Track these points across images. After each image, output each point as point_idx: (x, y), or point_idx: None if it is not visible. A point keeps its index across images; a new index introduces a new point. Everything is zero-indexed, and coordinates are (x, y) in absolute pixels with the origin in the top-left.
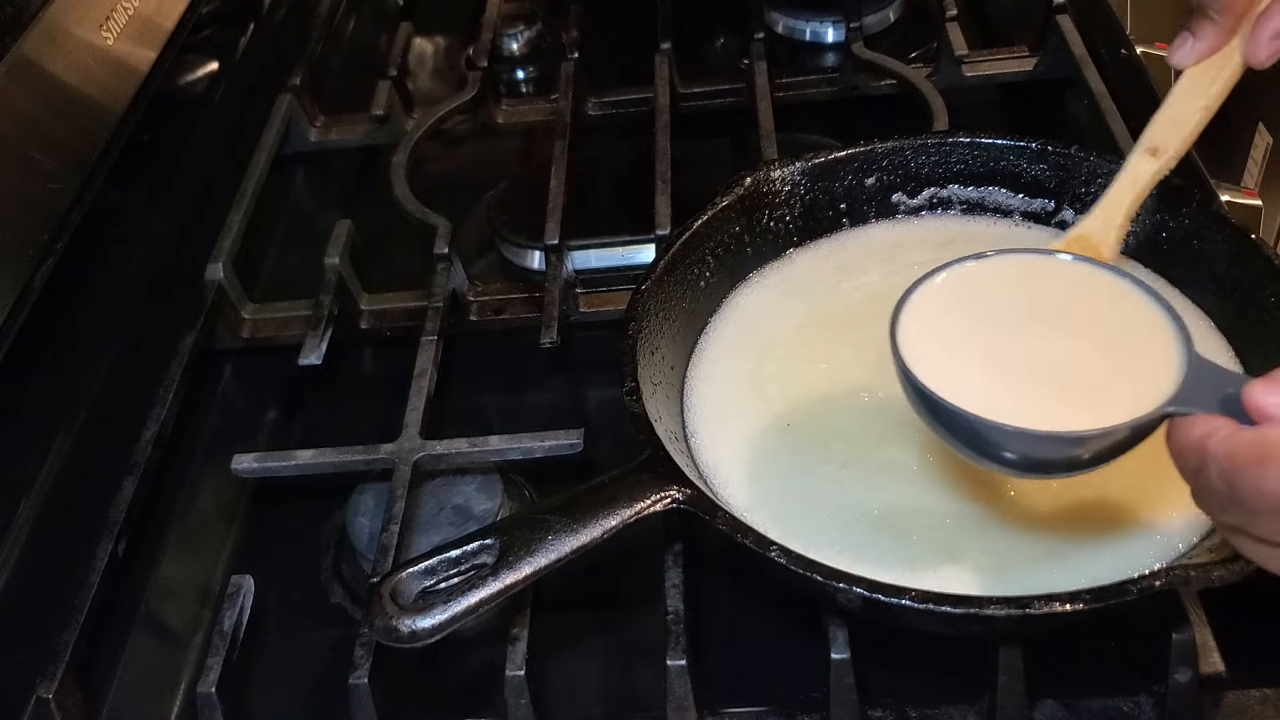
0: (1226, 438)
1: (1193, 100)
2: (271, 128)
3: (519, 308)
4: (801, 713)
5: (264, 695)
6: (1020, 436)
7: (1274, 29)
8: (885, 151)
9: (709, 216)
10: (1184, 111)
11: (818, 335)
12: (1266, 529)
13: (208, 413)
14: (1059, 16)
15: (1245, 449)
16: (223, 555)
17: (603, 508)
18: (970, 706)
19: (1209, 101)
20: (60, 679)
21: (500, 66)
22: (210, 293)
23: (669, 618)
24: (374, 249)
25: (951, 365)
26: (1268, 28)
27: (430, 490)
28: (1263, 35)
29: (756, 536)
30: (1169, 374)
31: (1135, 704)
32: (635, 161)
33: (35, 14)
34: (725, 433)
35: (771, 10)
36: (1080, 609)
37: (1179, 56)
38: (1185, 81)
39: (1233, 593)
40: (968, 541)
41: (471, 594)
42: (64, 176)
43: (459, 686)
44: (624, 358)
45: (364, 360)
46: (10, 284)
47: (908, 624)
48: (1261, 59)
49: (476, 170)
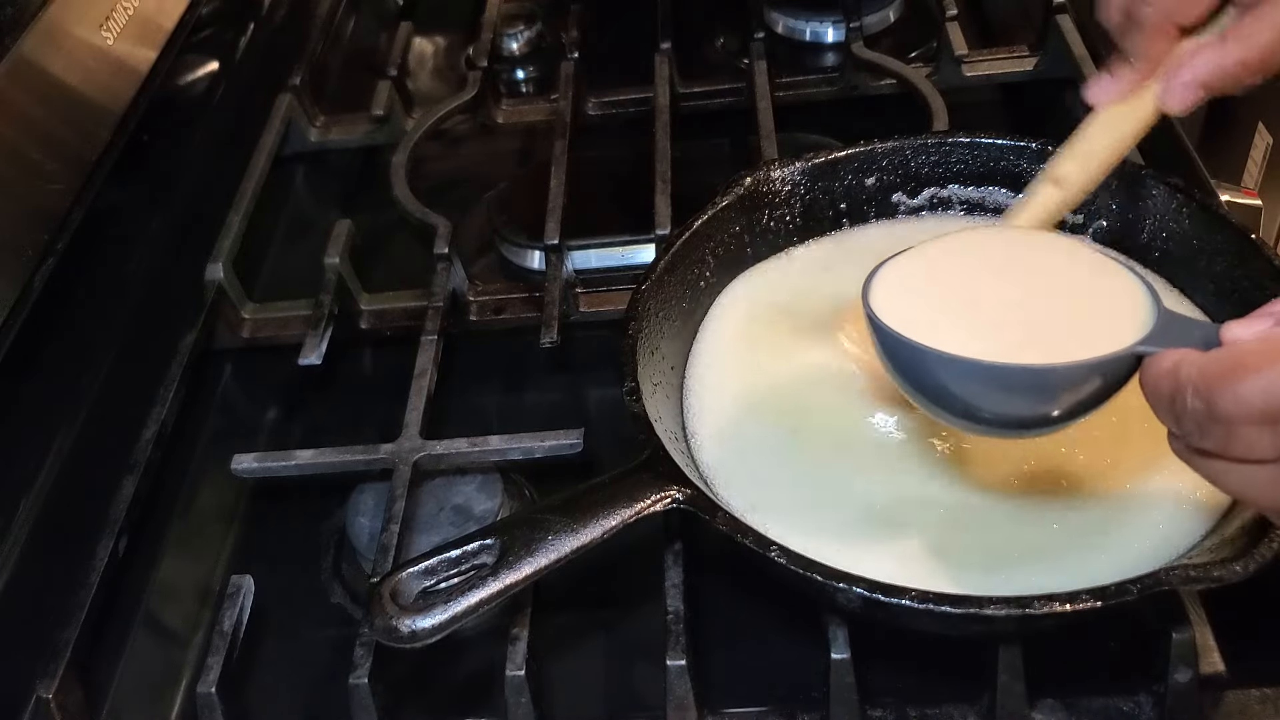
0: (1199, 359)
1: (1104, 138)
2: (271, 128)
3: (519, 308)
4: (801, 713)
5: (264, 695)
6: (990, 373)
7: (1188, 78)
8: (885, 151)
9: (709, 216)
10: (1094, 148)
11: (818, 335)
12: (1246, 443)
13: (208, 413)
14: (1059, 16)
15: (1219, 363)
16: (223, 555)
17: (603, 508)
18: (970, 706)
19: (1120, 140)
20: (60, 679)
21: (500, 66)
22: (210, 293)
23: (669, 618)
24: (374, 249)
25: (921, 320)
26: (1181, 76)
27: (430, 490)
28: (1176, 82)
29: (756, 536)
30: (1139, 322)
31: (1135, 704)
32: (635, 161)
33: (35, 14)
34: (725, 433)
35: (771, 10)
36: (1080, 609)
37: (1094, 94)
38: (1099, 119)
39: (1233, 593)
40: (969, 540)
41: (471, 594)
42: (64, 176)
43: (459, 686)
44: (624, 358)
45: (364, 360)
46: (10, 284)
47: (908, 624)
48: (1174, 106)
49: (476, 170)
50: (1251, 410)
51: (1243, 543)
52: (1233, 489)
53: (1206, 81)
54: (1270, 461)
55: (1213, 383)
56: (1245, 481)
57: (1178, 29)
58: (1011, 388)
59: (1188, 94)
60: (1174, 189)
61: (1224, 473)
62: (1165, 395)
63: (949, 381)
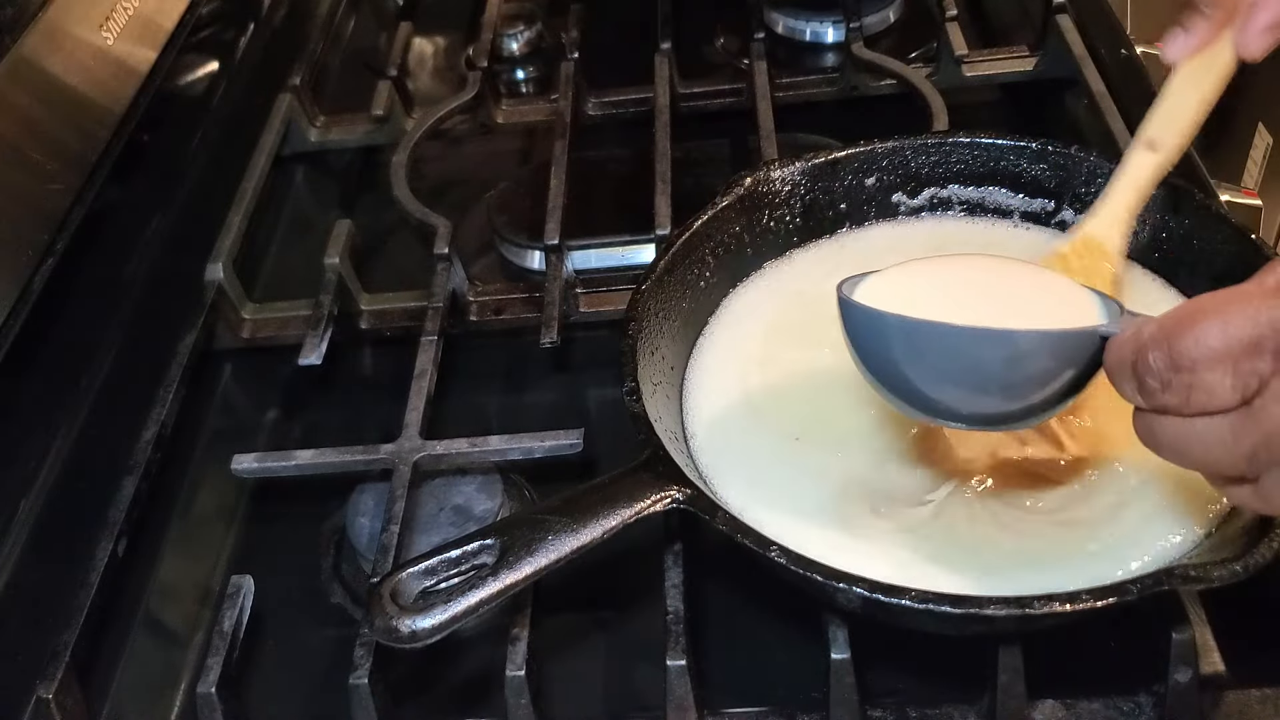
0: (1159, 317)
1: (1188, 94)
2: (271, 128)
3: (519, 308)
4: (801, 713)
5: (264, 695)
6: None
7: (1265, 22)
8: (885, 151)
9: (709, 216)
10: (1180, 106)
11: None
12: (1207, 389)
13: (208, 413)
14: (1059, 16)
15: (1178, 313)
16: (223, 555)
17: (603, 508)
18: (970, 706)
19: (1204, 95)
20: (60, 679)
21: (500, 66)
22: (210, 293)
23: (669, 618)
24: (374, 249)
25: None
26: (1259, 20)
27: (430, 490)
28: (1253, 28)
29: (756, 536)
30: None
31: (1135, 704)
32: (635, 161)
33: (35, 14)
34: (725, 434)
35: (771, 10)
36: (1080, 609)
37: (1172, 51)
38: (1180, 76)
39: (1233, 593)
40: (969, 540)
41: (471, 594)
42: (64, 176)
43: (459, 686)
44: (624, 358)
45: (364, 360)
46: (10, 284)
47: (908, 624)
48: (1253, 52)
49: (476, 170)
50: (1212, 350)
51: (1243, 543)
52: (1196, 456)
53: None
54: (1232, 409)
55: (1172, 331)
56: (1209, 443)
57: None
58: (978, 358)
59: (1266, 37)
60: (1174, 189)
61: (1188, 438)
62: (1128, 359)
63: (917, 356)
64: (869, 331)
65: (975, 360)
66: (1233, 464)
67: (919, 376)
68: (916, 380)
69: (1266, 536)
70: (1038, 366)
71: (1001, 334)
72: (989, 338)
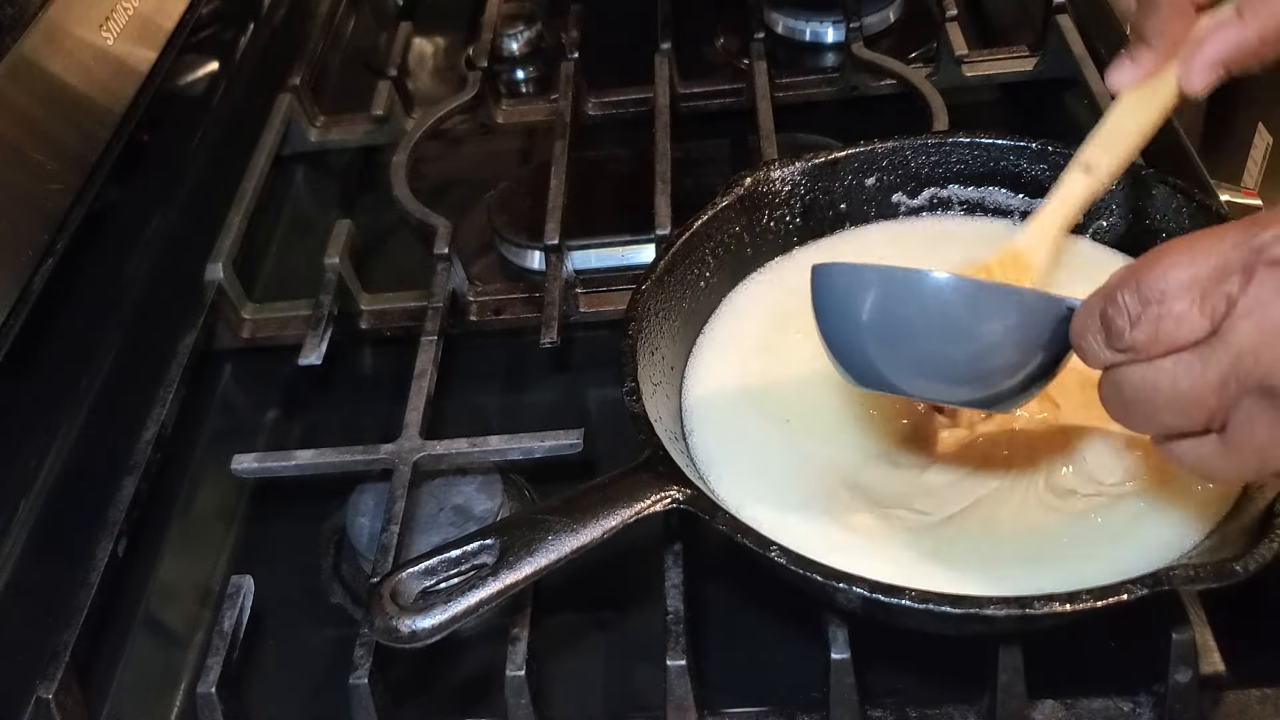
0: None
1: (1129, 121)
2: (271, 128)
3: (519, 308)
4: (801, 713)
5: (264, 695)
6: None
7: (1208, 58)
8: (885, 151)
9: (709, 216)
10: (1119, 132)
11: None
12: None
13: (208, 413)
14: (1059, 16)
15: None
16: (223, 555)
17: (603, 508)
18: (970, 706)
19: (1144, 123)
20: (60, 679)
21: (500, 66)
22: (210, 293)
23: (669, 618)
24: (374, 249)
25: None
26: (1202, 56)
27: (430, 490)
28: (1197, 63)
29: (756, 536)
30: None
31: (1135, 704)
32: (635, 161)
33: (35, 14)
34: (722, 431)
35: (771, 10)
36: (1080, 609)
37: (1115, 79)
38: (1123, 103)
39: (1233, 593)
40: (969, 538)
41: (471, 594)
42: (64, 176)
43: (459, 686)
44: (624, 358)
45: (364, 360)
46: (10, 284)
47: (908, 624)
48: (1195, 87)
49: (476, 170)
50: (1179, 281)
51: (1243, 543)
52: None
53: (1227, 59)
54: (1201, 342)
55: (1139, 269)
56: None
57: (1194, 6)
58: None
59: (1208, 74)
60: (1174, 189)
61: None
62: (1096, 306)
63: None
64: (845, 293)
65: (948, 317)
66: (1202, 403)
67: (890, 338)
68: (887, 344)
69: (1266, 537)
70: (1007, 326)
71: (978, 286)
72: (966, 290)
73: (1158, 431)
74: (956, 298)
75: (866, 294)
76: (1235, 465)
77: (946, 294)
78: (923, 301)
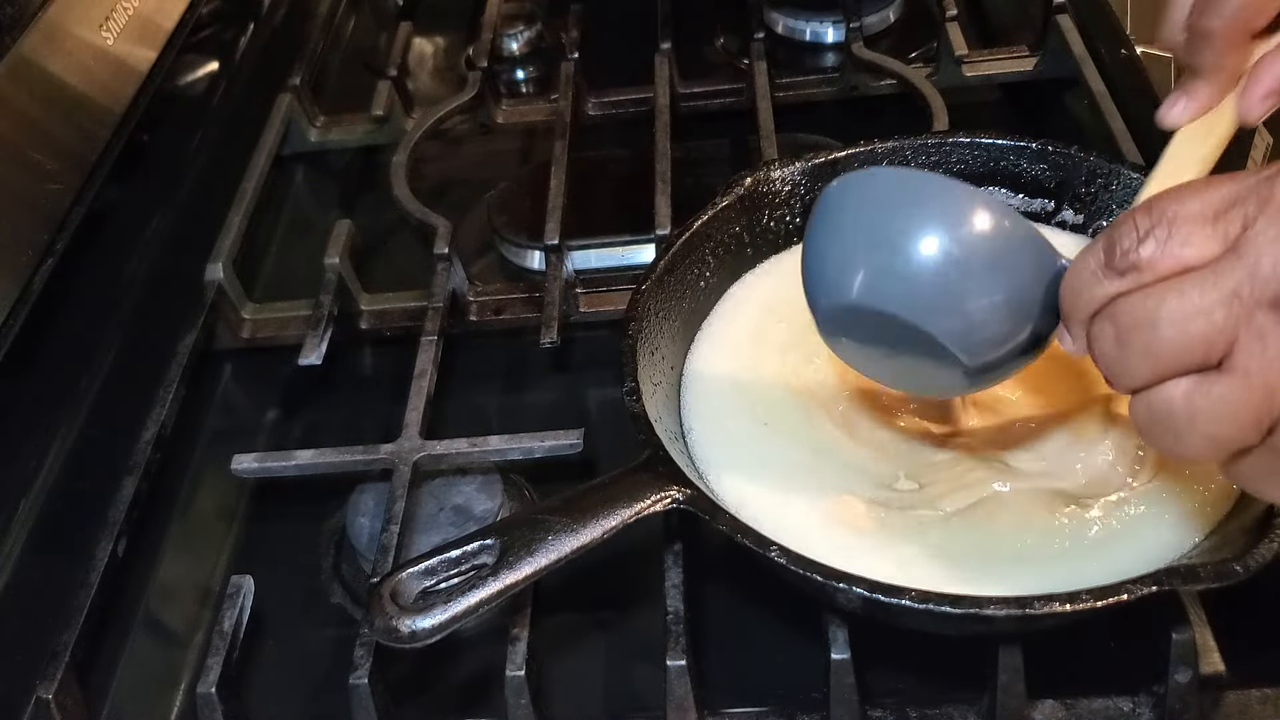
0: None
1: (1188, 158)
2: (271, 128)
3: (519, 308)
4: (801, 713)
5: (264, 695)
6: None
7: (1266, 88)
8: (885, 151)
9: (709, 216)
10: (1180, 168)
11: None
12: (1184, 238)
13: (208, 413)
14: (1059, 16)
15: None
16: (223, 555)
17: (603, 508)
18: (970, 706)
19: (1204, 157)
20: (60, 679)
21: (500, 66)
22: (210, 293)
23: (669, 618)
24: (374, 249)
25: None
26: (1260, 87)
27: (430, 490)
28: (1255, 93)
29: (756, 536)
30: None
31: (1135, 704)
32: (635, 161)
33: (35, 14)
34: (720, 429)
35: (771, 10)
36: (1080, 609)
37: (1172, 117)
38: (1180, 139)
39: (1233, 593)
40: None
41: (471, 594)
42: (64, 176)
43: (459, 686)
44: (624, 358)
45: (364, 360)
46: (10, 284)
47: (908, 623)
48: (1254, 117)
49: (476, 170)
50: (1191, 207)
51: (1243, 543)
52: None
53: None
54: (1212, 261)
55: (1154, 199)
56: (1183, 302)
57: (1249, 36)
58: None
59: (1267, 103)
60: None
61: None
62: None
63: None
64: (854, 205)
65: (963, 237)
66: (1208, 320)
67: (883, 240)
68: (889, 265)
69: (1266, 537)
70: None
71: (992, 202)
72: (975, 201)
73: (1152, 370)
74: (965, 204)
75: (869, 192)
76: (1241, 403)
77: (955, 197)
78: (926, 203)
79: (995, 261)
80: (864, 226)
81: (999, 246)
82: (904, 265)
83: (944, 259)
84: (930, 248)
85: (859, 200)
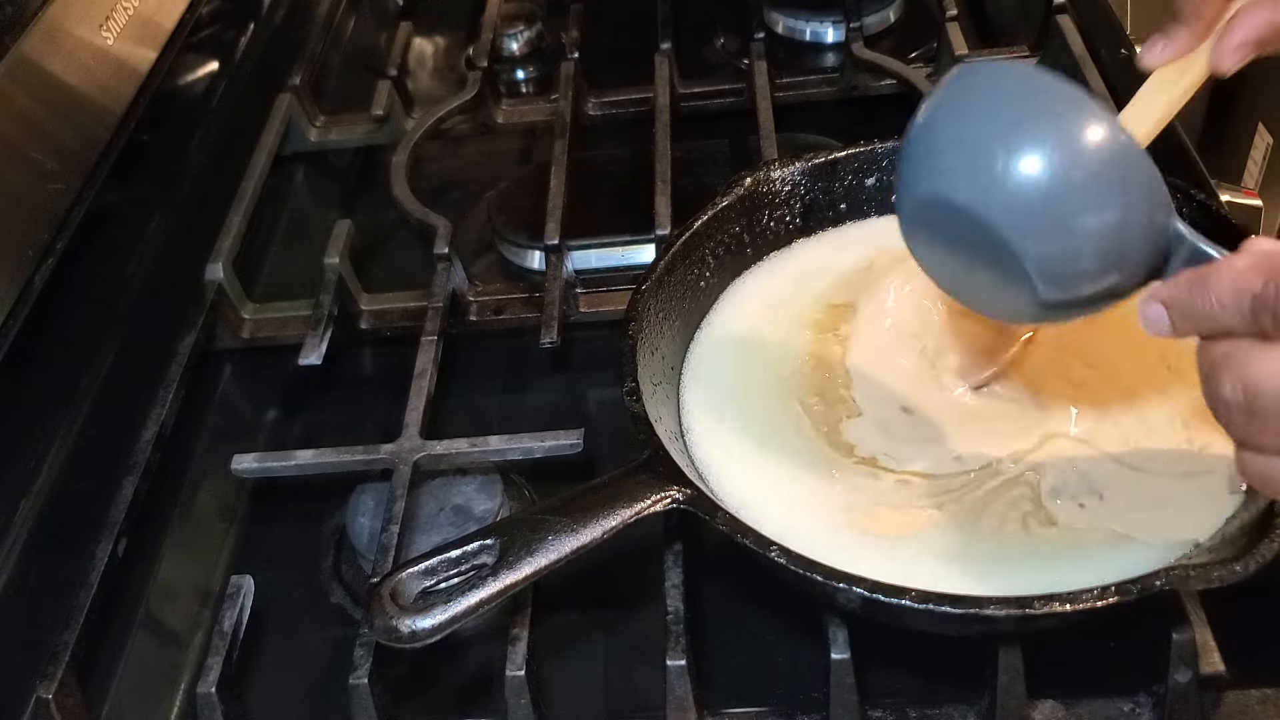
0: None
1: (1159, 97)
2: (271, 128)
3: (519, 308)
4: (801, 713)
5: (264, 695)
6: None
7: (1239, 39)
8: (885, 151)
9: (709, 216)
10: (1150, 107)
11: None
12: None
13: (208, 413)
14: (1059, 16)
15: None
16: (223, 555)
17: (603, 508)
18: (970, 706)
19: (1173, 99)
20: (60, 679)
21: (500, 66)
22: (210, 293)
23: (669, 618)
24: (374, 249)
25: None
26: (1234, 37)
27: (430, 490)
28: (1229, 43)
29: (756, 536)
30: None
31: (1135, 704)
32: (635, 161)
33: (35, 14)
34: (720, 429)
35: (771, 10)
36: (1080, 609)
37: (1149, 57)
38: (1153, 80)
39: (1233, 593)
40: (969, 538)
41: (471, 594)
42: (64, 176)
43: (459, 686)
44: (624, 358)
45: (364, 360)
46: (10, 284)
47: (908, 624)
48: (1225, 66)
49: (476, 170)
50: None
51: (1243, 543)
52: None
53: (1260, 39)
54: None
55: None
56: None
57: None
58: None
59: (1239, 53)
60: (1174, 189)
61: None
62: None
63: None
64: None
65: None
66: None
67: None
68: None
69: (1267, 536)
70: (1130, 213)
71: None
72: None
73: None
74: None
75: (1001, 87)
76: None
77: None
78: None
79: (1109, 202)
80: (984, 122)
81: (1118, 189)
82: (1015, 176)
83: (1058, 183)
84: (1048, 168)
85: (990, 93)
